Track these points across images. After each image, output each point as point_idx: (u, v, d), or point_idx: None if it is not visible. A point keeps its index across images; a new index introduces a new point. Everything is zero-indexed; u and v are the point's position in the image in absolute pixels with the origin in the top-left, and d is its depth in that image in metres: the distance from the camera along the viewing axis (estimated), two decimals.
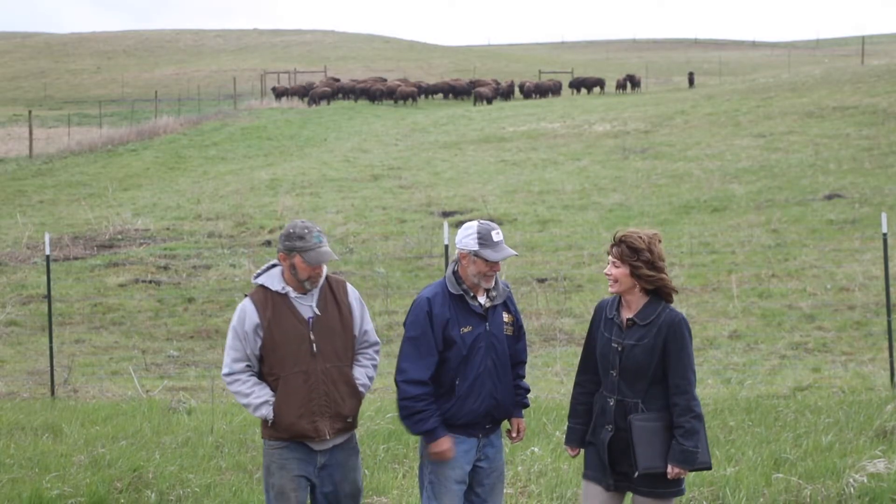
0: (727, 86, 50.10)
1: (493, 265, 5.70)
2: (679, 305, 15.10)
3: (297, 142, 37.67)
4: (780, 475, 7.10)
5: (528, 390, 5.97)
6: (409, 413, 5.70)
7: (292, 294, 5.82)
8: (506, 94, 56.25)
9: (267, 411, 5.73)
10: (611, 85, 60.26)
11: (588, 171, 27.26)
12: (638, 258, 5.48)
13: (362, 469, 5.87)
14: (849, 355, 12.65)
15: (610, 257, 5.56)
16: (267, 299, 5.81)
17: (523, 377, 5.96)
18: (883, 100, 33.35)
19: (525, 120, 39.86)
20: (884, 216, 11.35)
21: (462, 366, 5.68)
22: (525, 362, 5.96)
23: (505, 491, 6.95)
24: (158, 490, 7.36)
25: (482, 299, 5.79)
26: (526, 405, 5.95)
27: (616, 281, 5.50)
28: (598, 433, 5.56)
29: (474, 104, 51.24)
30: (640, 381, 5.44)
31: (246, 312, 5.83)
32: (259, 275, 5.96)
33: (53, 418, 9.88)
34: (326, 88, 54.80)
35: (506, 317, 5.84)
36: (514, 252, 5.77)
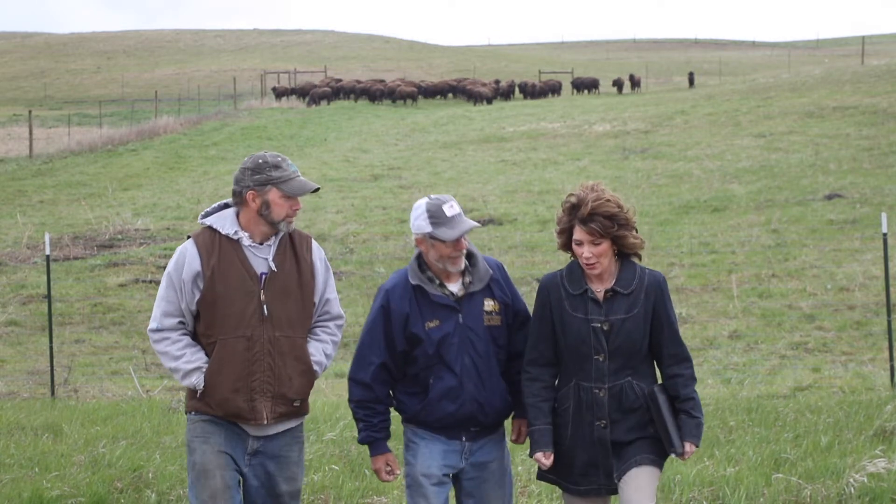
0: (727, 86, 50.09)
1: (456, 244, 4.81)
2: (679, 305, 15.12)
3: (297, 142, 37.66)
4: (780, 475, 7.09)
5: None
6: (354, 418, 5.03)
7: (246, 241, 4.81)
8: (506, 94, 56.26)
9: (198, 379, 4.76)
10: (606, 86, 60.18)
11: (588, 171, 27.26)
12: (618, 226, 4.65)
13: (304, 465, 5.11)
14: (849, 355, 12.65)
15: (580, 237, 4.69)
16: (213, 244, 4.78)
17: None
18: (883, 100, 33.34)
19: (525, 120, 39.86)
20: (884, 216, 11.35)
21: (434, 366, 4.88)
22: None
23: None
24: (158, 490, 7.35)
25: (454, 287, 4.91)
26: None
27: (598, 260, 4.67)
28: (582, 432, 4.72)
29: (474, 104, 51.25)
30: (633, 358, 4.68)
31: (186, 257, 4.79)
32: (208, 214, 4.91)
33: (53, 418, 9.87)
34: (326, 88, 54.82)
35: (488, 304, 4.93)
36: (474, 224, 4.87)
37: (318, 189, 4.95)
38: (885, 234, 11.38)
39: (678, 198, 22.71)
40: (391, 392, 5.03)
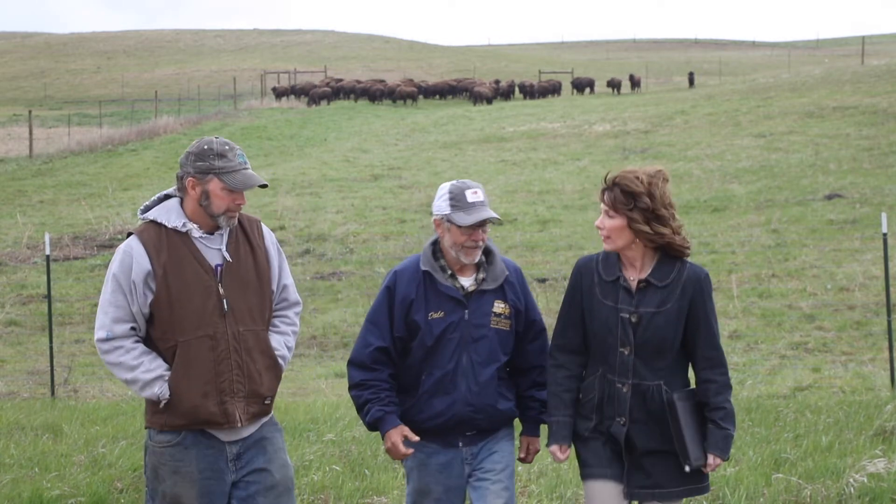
0: (727, 86, 50.10)
1: (472, 233, 4.62)
2: None
3: (297, 142, 37.67)
4: (780, 475, 7.09)
5: (544, 402, 4.75)
6: (357, 405, 4.70)
7: (195, 233, 4.42)
8: (506, 94, 56.28)
9: (161, 389, 4.32)
10: (602, 86, 60.25)
11: (588, 171, 27.26)
12: (634, 206, 4.32)
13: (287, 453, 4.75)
14: (849, 355, 12.64)
15: (602, 205, 4.42)
16: (161, 239, 4.39)
17: (542, 386, 4.74)
18: (883, 100, 33.34)
19: (525, 120, 39.86)
20: (884, 216, 11.34)
21: (429, 359, 4.64)
22: (543, 367, 4.76)
23: None
24: None
25: (466, 281, 4.70)
26: (539, 421, 4.81)
27: (609, 237, 4.38)
28: (603, 427, 4.44)
29: (474, 104, 51.26)
30: (663, 357, 4.37)
31: (133, 256, 4.39)
32: (148, 208, 4.50)
33: (53, 418, 9.86)
34: (326, 88, 54.86)
35: (498, 307, 4.69)
36: (493, 214, 4.65)
37: (265, 185, 4.53)
38: (885, 234, 11.37)
39: (678, 198, 22.69)
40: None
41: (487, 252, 4.77)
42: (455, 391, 4.63)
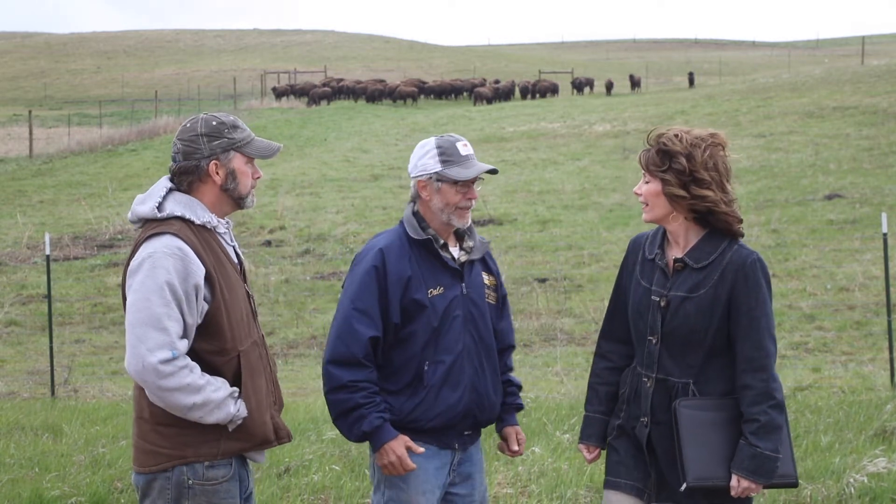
0: (727, 86, 50.10)
1: (468, 190, 4.07)
2: None
3: (297, 142, 37.66)
4: None
5: (519, 387, 4.39)
6: (342, 410, 3.97)
7: (221, 228, 3.83)
8: (506, 94, 56.29)
9: (237, 407, 3.71)
10: (600, 86, 60.38)
11: (588, 171, 27.26)
12: (669, 167, 3.77)
13: None
14: (849, 355, 12.64)
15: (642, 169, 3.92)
16: (198, 237, 3.73)
17: (513, 369, 4.37)
18: (883, 100, 33.35)
19: (525, 120, 39.87)
20: (884, 216, 11.34)
21: (432, 345, 4.02)
22: (514, 348, 4.38)
23: (505, 491, 6.94)
24: None
25: (455, 251, 4.14)
26: (520, 407, 4.38)
27: (646, 203, 3.85)
28: (628, 428, 3.94)
29: (474, 104, 51.26)
30: (693, 352, 3.78)
31: (185, 259, 3.63)
32: (160, 204, 3.77)
33: (53, 418, 9.86)
34: (326, 88, 54.90)
35: (486, 278, 4.20)
36: (489, 166, 4.17)
37: (280, 148, 3.97)
38: (885, 234, 11.36)
39: None
40: None
41: None
42: (463, 377, 4.06)
